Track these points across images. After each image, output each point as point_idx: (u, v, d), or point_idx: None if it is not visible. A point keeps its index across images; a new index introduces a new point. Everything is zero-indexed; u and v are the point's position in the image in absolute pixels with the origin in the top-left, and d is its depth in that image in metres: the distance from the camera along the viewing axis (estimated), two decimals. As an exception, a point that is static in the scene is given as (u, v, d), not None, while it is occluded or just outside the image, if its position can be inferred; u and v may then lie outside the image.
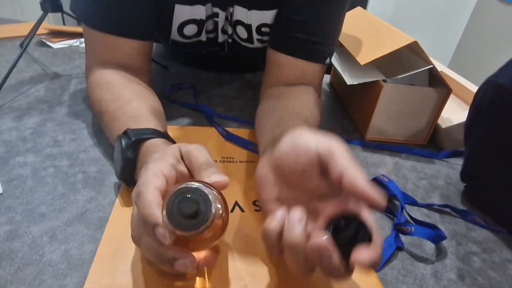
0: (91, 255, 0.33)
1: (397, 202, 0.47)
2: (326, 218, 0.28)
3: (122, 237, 0.35)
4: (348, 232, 0.26)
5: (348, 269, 0.25)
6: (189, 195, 0.25)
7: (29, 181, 0.42)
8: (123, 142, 0.37)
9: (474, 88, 0.67)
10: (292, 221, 0.26)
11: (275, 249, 0.28)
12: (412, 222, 0.43)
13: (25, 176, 0.42)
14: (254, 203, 0.42)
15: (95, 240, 0.35)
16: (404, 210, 0.44)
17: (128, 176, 0.39)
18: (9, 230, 0.35)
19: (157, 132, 0.39)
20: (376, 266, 0.25)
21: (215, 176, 0.29)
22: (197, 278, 0.32)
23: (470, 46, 2.08)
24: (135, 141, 0.37)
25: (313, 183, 0.30)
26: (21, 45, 0.81)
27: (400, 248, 0.39)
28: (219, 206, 0.26)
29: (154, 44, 0.81)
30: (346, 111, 0.70)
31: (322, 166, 0.29)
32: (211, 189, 0.27)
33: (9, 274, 0.31)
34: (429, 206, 0.47)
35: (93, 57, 0.51)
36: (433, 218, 0.45)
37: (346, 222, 0.27)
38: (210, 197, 0.25)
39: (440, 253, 0.40)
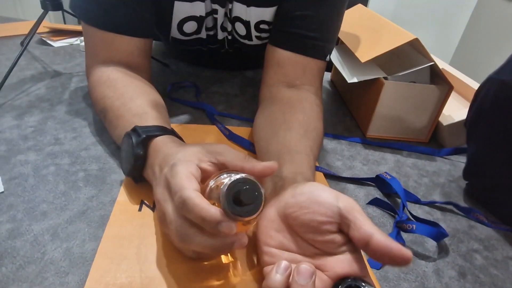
0: (92, 253, 0.33)
1: (398, 200, 0.46)
2: (332, 277, 0.28)
3: (123, 236, 0.35)
4: None
5: None
6: (245, 186, 0.26)
7: (30, 179, 0.42)
8: (134, 139, 0.37)
9: (475, 85, 0.66)
10: (304, 275, 0.25)
11: None
12: (414, 220, 0.43)
13: (27, 174, 0.43)
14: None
15: (96, 238, 0.35)
16: (405, 208, 0.44)
17: (137, 173, 0.39)
18: (10, 228, 0.35)
19: (163, 129, 0.40)
20: None
21: (265, 163, 0.31)
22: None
23: (471, 43, 2.07)
24: (145, 138, 0.37)
25: (324, 238, 0.29)
26: (21, 44, 0.81)
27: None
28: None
29: (155, 42, 0.81)
30: (347, 109, 0.70)
31: (341, 224, 0.28)
32: (237, 173, 0.29)
33: (11, 272, 0.31)
34: (432, 204, 0.47)
35: (93, 55, 0.51)
36: (435, 215, 0.45)
37: (356, 286, 0.26)
38: (257, 181, 0.27)
39: (442, 250, 0.40)
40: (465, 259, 0.39)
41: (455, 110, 0.61)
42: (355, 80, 0.58)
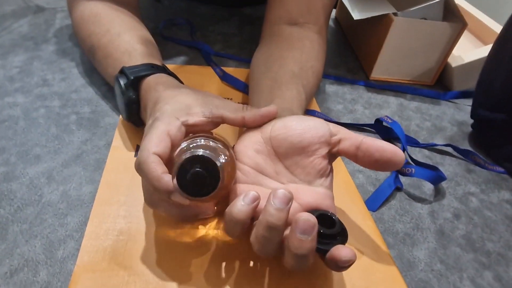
0: (90, 196, 0.33)
1: (399, 145, 0.46)
2: (304, 206, 0.27)
3: (121, 181, 0.34)
4: (332, 228, 0.25)
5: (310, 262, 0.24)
6: (196, 167, 0.24)
7: (21, 122, 0.40)
8: (122, 82, 0.35)
9: (491, 23, 0.62)
10: (281, 200, 0.23)
11: (238, 228, 0.25)
12: (413, 164, 0.43)
13: (16, 117, 0.41)
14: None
15: (93, 181, 0.35)
16: (405, 151, 0.43)
17: (135, 117, 0.37)
18: (5, 172, 0.35)
19: (154, 66, 0.37)
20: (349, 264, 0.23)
21: (264, 109, 0.30)
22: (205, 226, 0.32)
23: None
24: (134, 80, 0.35)
25: (309, 160, 0.28)
26: (-2, -25, 0.74)
27: (399, 188, 0.39)
28: (225, 159, 0.26)
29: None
30: (351, 49, 0.66)
31: (331, 142, 0.29)
32: (214, 142, 0.26)
33: (9, 213, 0.31)
34: (431, 146, 0.46)
35: None
36: (434, 159, 0.45)
37: (330, 219, 0.26)
38: (215, 160, 0.24)
39: (439, 193, 0.40)
40: (461, 202, 0.39)
41: (465, 51, 0.57)
42: (362, 17, 0.54)
